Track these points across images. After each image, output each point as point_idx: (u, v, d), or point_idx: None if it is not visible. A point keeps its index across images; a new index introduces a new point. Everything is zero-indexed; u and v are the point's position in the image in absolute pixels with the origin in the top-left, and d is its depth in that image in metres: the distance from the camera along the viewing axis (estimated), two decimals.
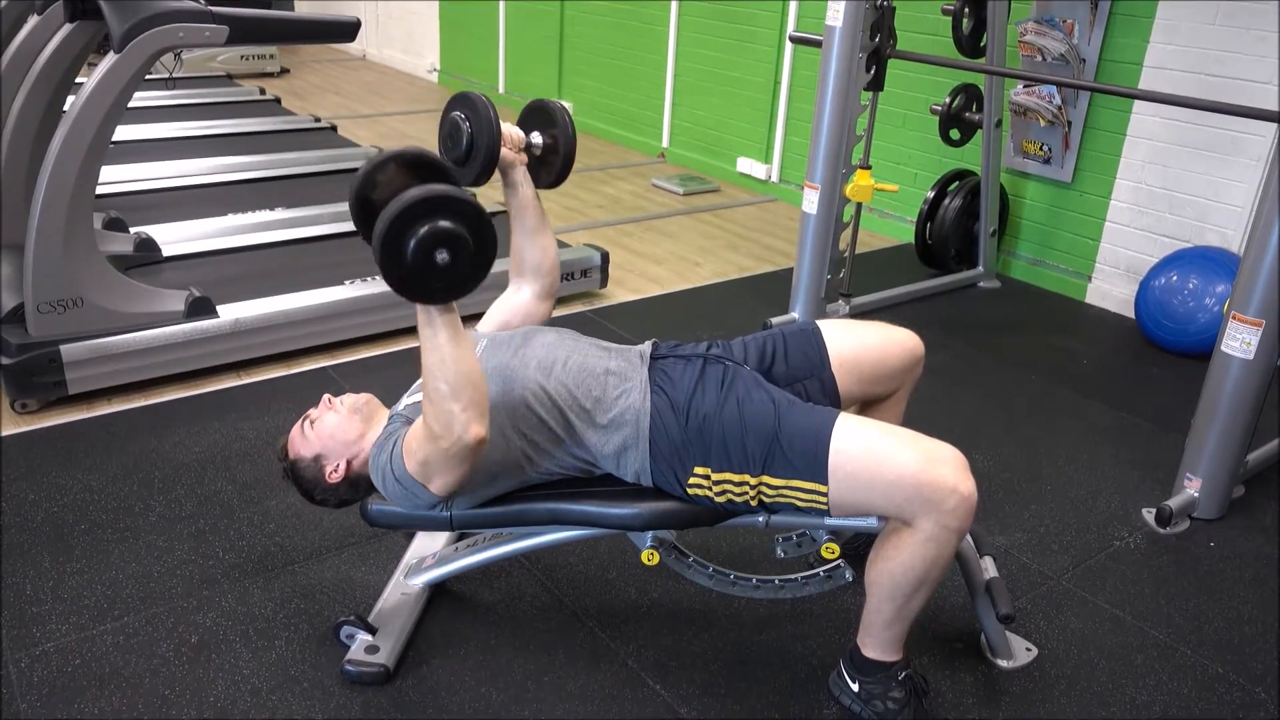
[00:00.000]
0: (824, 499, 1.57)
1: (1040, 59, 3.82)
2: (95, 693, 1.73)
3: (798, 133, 5.01)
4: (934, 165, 4.30)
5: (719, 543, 2.22)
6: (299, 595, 2.01)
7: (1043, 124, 3.91)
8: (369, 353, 3.16)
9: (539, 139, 1.93)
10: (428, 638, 1.90)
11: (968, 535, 1.75)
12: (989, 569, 1.89)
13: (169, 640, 1.86)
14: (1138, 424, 2.92)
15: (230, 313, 2.96)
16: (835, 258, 3.37)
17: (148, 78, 2.74)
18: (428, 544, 2.10)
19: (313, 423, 1.78)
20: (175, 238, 3.61)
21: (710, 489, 1.62)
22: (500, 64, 7.02)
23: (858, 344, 1.84)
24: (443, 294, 1.44)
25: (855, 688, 1.73)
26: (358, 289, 3.21)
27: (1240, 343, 2.28)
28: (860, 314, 3.50)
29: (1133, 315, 3.59)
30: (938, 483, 1.51)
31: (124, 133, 4.54)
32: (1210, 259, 3.33)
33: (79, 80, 3.00)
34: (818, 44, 3.17)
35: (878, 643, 1.70)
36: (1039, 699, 1.83)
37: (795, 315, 3.41)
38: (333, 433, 1.75)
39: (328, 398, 1.81)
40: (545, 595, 2.05)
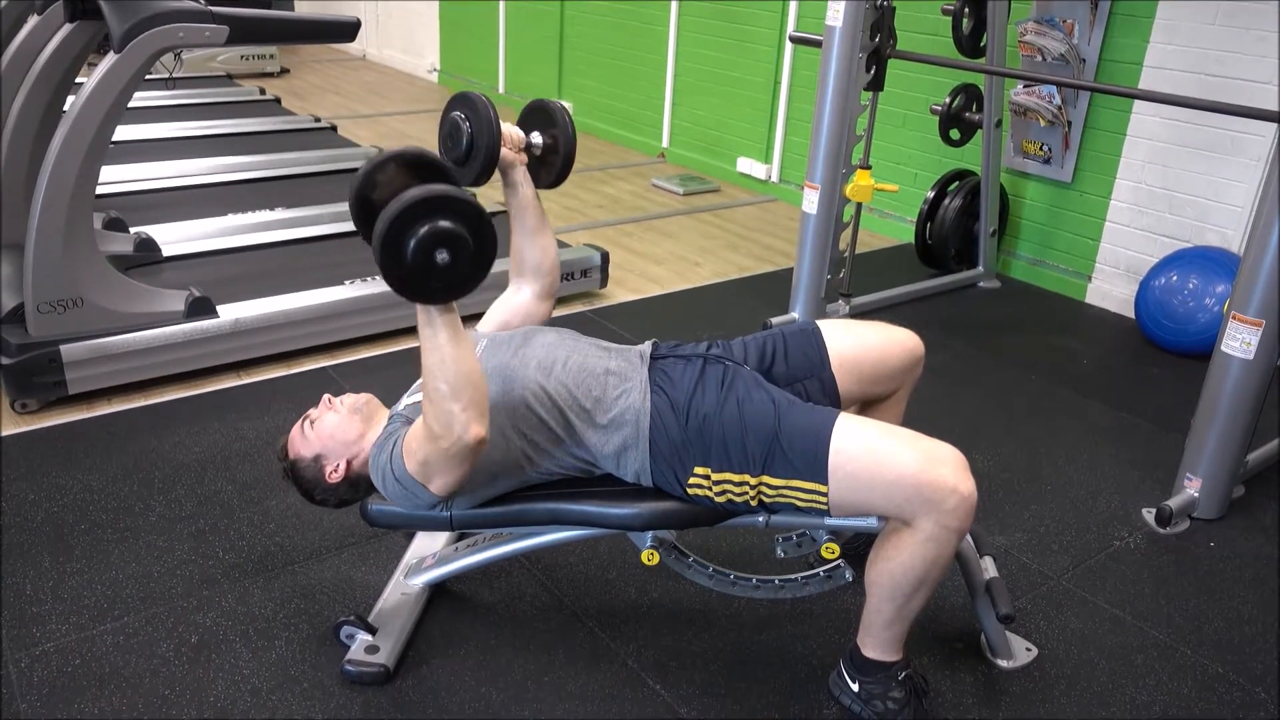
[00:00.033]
0: (824, 499, 1.57)
1: (1040, 59, 3.82)
2: (95, 693, 1.73)
3: (798, 133, 5.01)
4: (934, 165, 4.30)
5: (719, 543, 2.22)
6: (299, 595, 2.01)
7: (1043, 124, 3.91)
8: (369, 353, 3.16)
9: (539, 139, 1.93)
10: (428, 638, 1.90)
11: (968, 535, 1.75)
12: (989, 569, 1.89)
13: (169, 640, 1.86)
14: (1138, 424, 2.92)
15: (230, 313, 2.96)
16: (835, 258, 3.37)
17: (148, 78, 2.74)
18: (428, 544, 2.10)
19: (313, 423, 1.78)
20: (175, 238, 3.61)
21: (710, 489, 1.62)
22: (500, 64, 7.02)
23: (858, 344, 1.84)
24: (443, 294, 1.44)
25: (855, 688, 1.73)
26: (358, 289, 3.21)
27: (1240, 343, 2.28)
28: (860, 314, 3.50)
29: (1133, 315, 3.59)
30: (938, 483, 1.51)
31: (124, 133, 4.54)
32: (1210, 259, 3.33)
33: (79, 80, 3.00)
34: (818, 44, 3.17)
35: (878, 643, 1.70)
36: (1039, 699, 1.83)
37: (795, 315, 3.41)
38: (333, 433, 1.76)
39: (328, 398, 1.82)
40: (545, 595, 2.05)
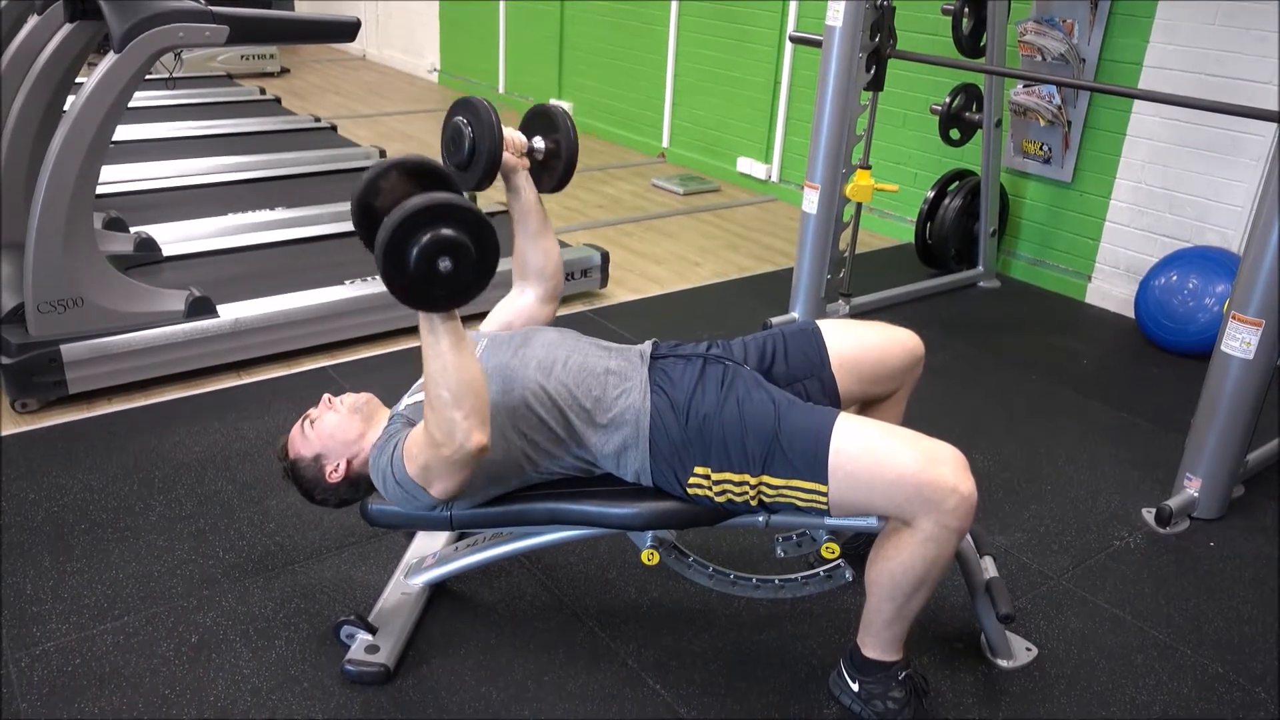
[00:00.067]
0: (824, 499, 1.57)
1: (1040, 59, 3.82)
2: (95, 692, 1.73)
3: (798, 133, 5.01)
4: (934, 165, 4.30)
5: (719, 543, 2.22)
6: (299, 595, 2.01)
7: (1043, 124, 3.91)
8: (369, 352, 3.16)
9: (541, 144, 1.93)
10: (428, 637, 1.90)
11: (968, 535, 1.75)
12: (989, 569, 1.89)
13: (169, 640, 1.86)
14: (1138, 424, 2.92)
15: (230, 312, 2.96)
16: (835, 258, 3.37)
17: (148, 78, 2.74)
18: (428, 544, 2.10)
19: (313, 422, 1.78)
20: (175, 238, 3.61)
21: (710, 489, 1.62)
22: (500, 64, 7.02)
23: (858, 344, 1.84)
24: (445, 302, 1.44)
25: (855, 687, 1.73)
26: (358, 289, 3.21)
27: (1240, 343, 2.28)
28: (860, 314, 3.50)
29: (1133, 315, 3.59)
30: (938, 482, 1.51)
31: (124, 133, 4.53)
32: (1210, 259, 3.33)
33: (79, 80, 3.00)
34: (818, 44, 3.17)
35: (878, 642, 1.70)
36: (1039, 699, 1.83)
37: (795, 315, 3.41)
38: (333, 432, 1.76)
39: (328, 397, 1.82)
40: (545, 595, 2.05)
